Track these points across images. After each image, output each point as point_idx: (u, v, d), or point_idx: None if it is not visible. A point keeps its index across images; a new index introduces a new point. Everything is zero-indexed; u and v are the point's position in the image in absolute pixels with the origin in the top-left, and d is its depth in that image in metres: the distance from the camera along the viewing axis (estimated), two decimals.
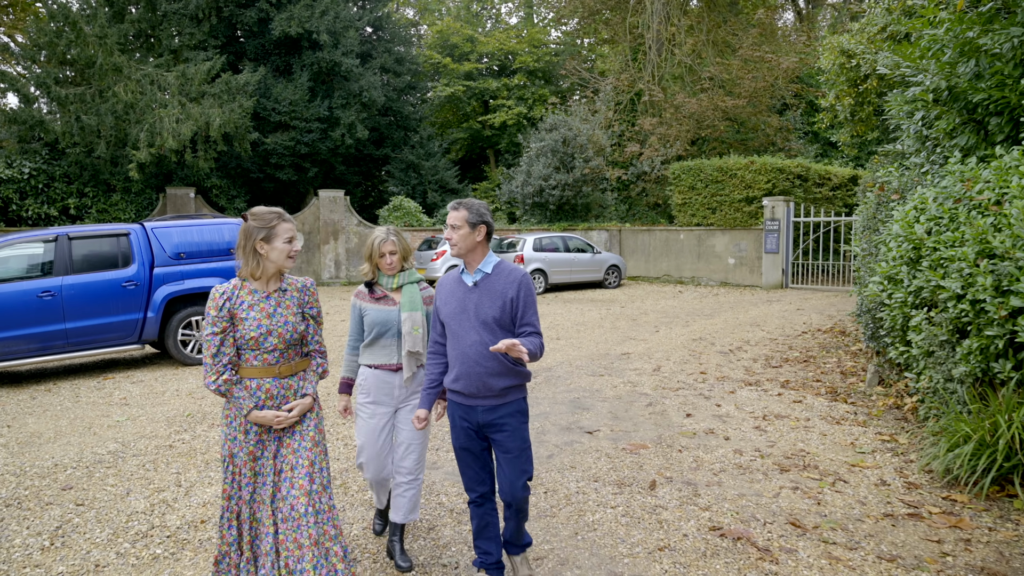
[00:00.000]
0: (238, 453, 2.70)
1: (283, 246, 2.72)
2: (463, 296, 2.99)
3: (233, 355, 2.71)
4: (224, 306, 2.68)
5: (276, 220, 2.71)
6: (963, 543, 3.57)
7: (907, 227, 5.45)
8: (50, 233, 8.08)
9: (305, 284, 2.90)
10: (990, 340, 4.28)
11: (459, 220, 2.95)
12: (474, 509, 3.10)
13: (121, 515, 4.09)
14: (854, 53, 9.19)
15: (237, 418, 2.72)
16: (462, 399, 2.99)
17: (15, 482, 4.69)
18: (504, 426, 2.95)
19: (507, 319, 2.94)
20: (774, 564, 3.37)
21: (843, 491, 4.30)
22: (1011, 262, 4.18)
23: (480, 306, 2.93)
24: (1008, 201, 4.53)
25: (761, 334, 10.30)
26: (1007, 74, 5.42)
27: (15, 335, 7.56)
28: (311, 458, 2.75)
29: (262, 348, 2.71)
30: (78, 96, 17.84)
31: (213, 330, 2.68)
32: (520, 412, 3.01)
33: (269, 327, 2.70)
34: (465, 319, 2.95)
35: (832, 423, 5.76)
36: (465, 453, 3.05)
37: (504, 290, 2.94)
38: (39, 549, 3.66)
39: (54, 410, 6.69)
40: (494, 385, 2.92)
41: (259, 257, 2.71)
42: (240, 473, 2.69)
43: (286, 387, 2.78)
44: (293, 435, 2.78)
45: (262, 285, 2.77)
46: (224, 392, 2.69)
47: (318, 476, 2.74)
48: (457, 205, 2.99)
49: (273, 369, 2.74)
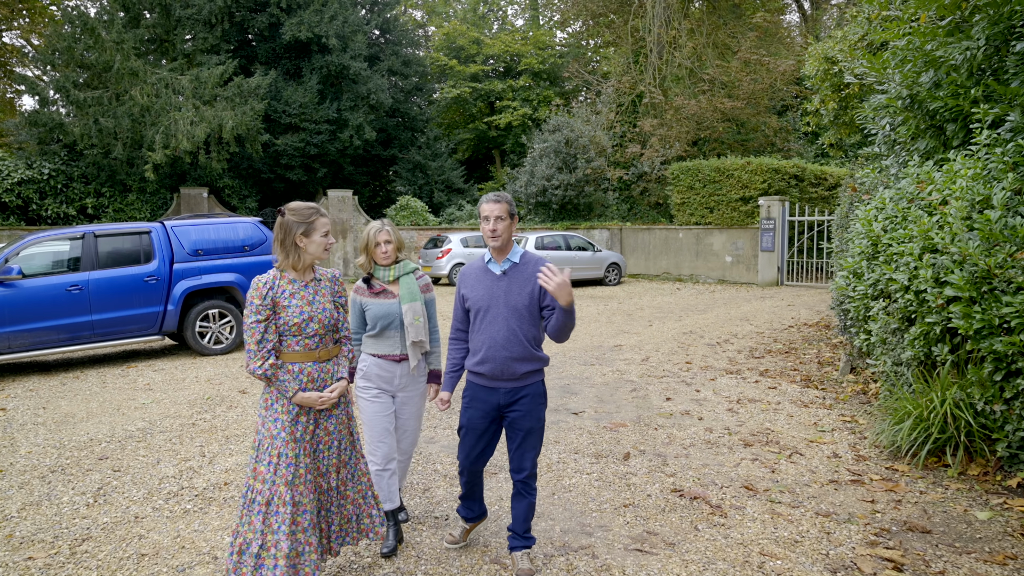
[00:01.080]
0: (279, 434, 2.82)
1: (320, 239, 2.90)
2: (491, 285, 3.13)
3: (276, 341, 2.85)
4: (268, 295, 2.83)
5: (315, 215, 2.89)
6: (894, 503, 4.06)
7: (867, 225, 5.93)
8: (77, 231, 8.65)
9: (334, 275, 3.10)
10: (930, 327, 4.76)
11: (503, 211, 3.07)
12: (465, 477, 3.35)
13: (153, 479, 4.63)
14: (836, 60, 9.64)
15: (279, 400, 2.86)
16: (485, 381, 3.15)
17: (56, 454, 5.23)
18: (523, 406, 3.12)
19: (535, 306, 3.10)
20: (723, 518, 3.87)
21: (797, 462, 4.79)
22: (947, 256, 4.66)
23: (510, 294, 3.09)
24: (950, 201, 5.01)
25: (749, 328, 10.77)
26: (960, 84, 5.88)
27: (47, 326, 8.13)
28: (341, 438, 3.03)
29: (304, 333, 2.87)
30: (96, 99, 18.46)
31: (257, 318, 2.80)
32: (539, 394, 3.17)
33: (310, 313, 2.88)
34: (494, 306, 3.09)
35: (800, 406, 6.24)
36: (472, 432, 3.21)
37: (531, 278, 3.10)
38: (85, 505, 4.21)
39: (84, 394, 7.25)
40: (517, 369, 3.08)
41: (299, 250, 2.88)
42: (280, 455, 2.80)
43: (324, 371, 2.95)
44: (329, 418, 3.00)
45: (300, 275, 2.94)
46: (270, 376, 2.81)
47: (344, 453, 3.04)
48: (497, 198, 3.09)
49: (313, 354, 2.91)
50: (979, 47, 5.64)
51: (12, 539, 3.74)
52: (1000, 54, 5.58)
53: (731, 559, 3.40)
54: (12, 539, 3.74)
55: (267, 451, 2.82)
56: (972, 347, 4.45)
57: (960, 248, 4.51)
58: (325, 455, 2.98)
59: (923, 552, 3.43)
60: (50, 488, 4.51)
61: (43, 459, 5.10)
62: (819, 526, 3.75)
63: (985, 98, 5.56)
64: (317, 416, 2.96)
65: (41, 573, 3.35)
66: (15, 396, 7.23)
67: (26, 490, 4.48)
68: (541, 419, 3.18)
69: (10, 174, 18.10)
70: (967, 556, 3.39)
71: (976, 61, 5.71)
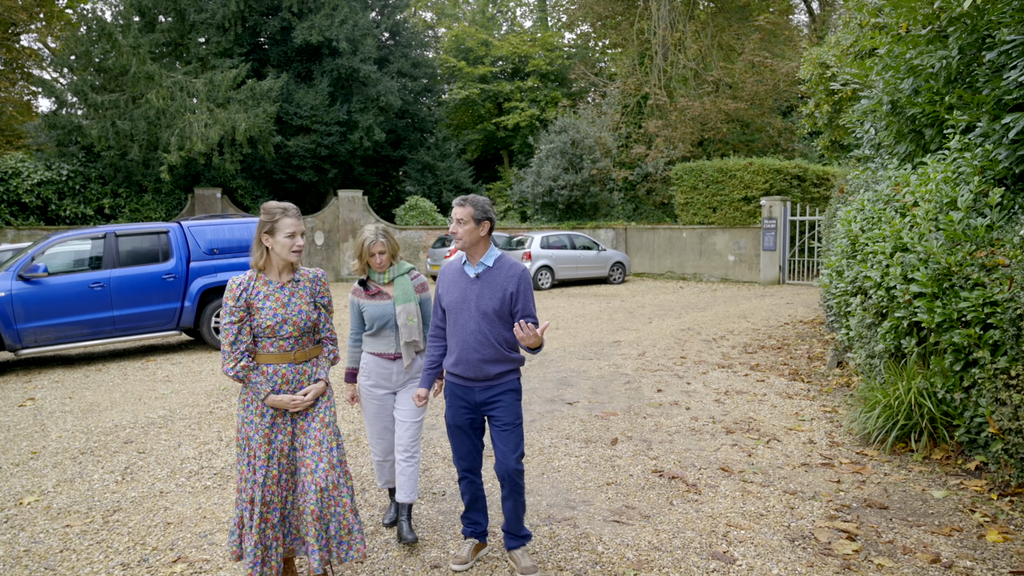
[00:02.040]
0: (253, 436, 2.84)
1: (285, 240, 2.84)
2: (465, 287, 3.18)
3: (250, 343, 2.84)
4: (241, 296, 2.82)
5: (280, 215, 2.84)
6: (858, 483, 4.38)
7: (847, 225, 6.25)
8: (99, 231, 9.07)
9: (316, 275, 3.05)
10: (899, 321, 5.08)
11: (465, 215, 3.12)
12: (464, 485, 3.37)
13: (175, 459, 5.02)
14: (829, 65, 9.94)
15: (254, 402, 2.87)
16: (461, 381, 3.21)
17: (85, 438, 5.63)
18: (499, 403, 3.17)
19: (506, 311, 3.13)
20: (697, 494, 4.21)
21: (774, 448, 5.12)
22: (915, 255, 4.98)
23: (481, 298, 3.12)
24: (920, 203, 5.32)
25: (746, 325, 11.07)
26: (937, 91, 6.17)
27: (71, 321, 8.56)
28: (320, 438, 2.92)
29: (278, 336, 2.84)
30: (112, 102, 18.97)
31: (231, 319, 2.81)
32: (513, 391, 3.22)
33: (284, 316, 2.85)
34: (466, 309, 3.14)
35: (785, 398, 6.56)
36: (458, 430, 3.28)
37: (504, 283, 3.13)
38: (114, 482, 4.60)
39: (107, 385, 7.66)
40: (490, 371, 3.14)
41: (263, 249, 2.89)
42: (255, 456, 2.82)
43: (301, 372, 2.92)
44: (307, 418, 2.94)
45: (275, 276, 2.92)
46: (242, 378, 2.82)
47: (326, 455, 2.90)
48: (463, 201, 3.14)
49: (289, 355, 2.89)
50: (954, 56, 5.93)
51: (50, 510, 4.13)
52: (972, 63, 5.87)
53: (699, 529, 3.74)
54: (50, 510, 4.13)
55: (245, 451, 2.86)
56: (935, 339, 4.76)
57: (925, 247, 4.83)
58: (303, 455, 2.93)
59: (877, 525, 3.76)
60: (81, 467, 4.90)
61: (73, 443, 5.51)
62: (785, 502, 4.08)
63: (961, 105, 5.85)
64: (296, 418, 2.95)
65: (79, 538, 3.73)
66: (42, 387, 7.65)
67: (59, 469, 4.88)
68: (519, 415, 3.23)
69: (30, 175, 18.62)
70: (917, 528, 3.71)
71: (951, 69, 6.00)
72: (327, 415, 3.00)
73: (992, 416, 4.24)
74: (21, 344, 8.34)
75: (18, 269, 8.35)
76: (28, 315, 8.30)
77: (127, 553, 3.56)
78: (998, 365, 4.14)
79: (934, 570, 3.26)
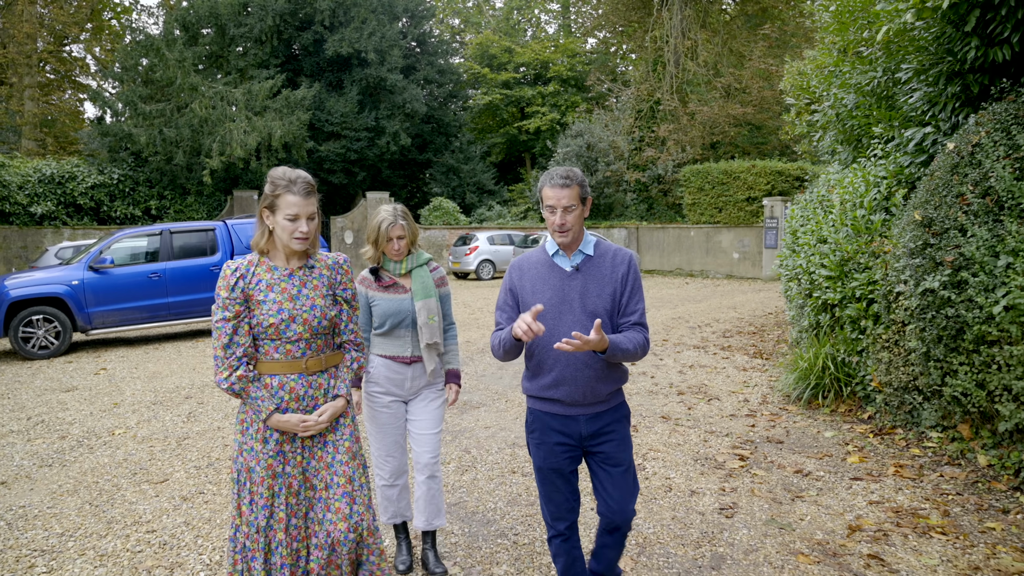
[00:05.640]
0: (255, 467, 2.25)
1: (285, 223, 2.23)
2: (560, 284, 2.47)
3: (249, 346, 2.25)
4: (236, 286, 2.24)
5: (283, 189, 2.23)
6: (769, 428, 5.46)
7: (789, 221, 7.30)
8: (155, 229, 10.46)
9: (337, 261, 2.44)
10: (817, 300, 6.13)
11: (574, 199, 2.39)
12: (560, 545, 2.59)
13: (228, 407, 6.28)
14: (807, 74, 10.93)
15: (254, 423, 2.27)
16: (560, 408, 2.49)
17: (153, 394, 6.93)
18: (612, 434, 2.51)
19: (616, 310, 2.48)
20: (635, 431, 5.32)
21: (712, 405, 6.20)
22: (828, 245, 6.03)
23: (586, 295, 2.44)
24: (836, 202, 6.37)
25: (733, 315, 12.09)
26: (869, 106, 7.19)
27: (132, 306, 9.94)
28: (348, 474, 2.34)
29: (284, 337, 2.26)
30: (159, 112, 20.60)
31: (224, 315, 2.22)
32: (626, 417, 2.58)
33: (292, 312, 2.26)
34: (568, 311, 2.44)
35: (741, 371, 7.62)
36: (555, 476, 2.54)
37: (612, 274, 2.47)
38: (181, 421, 5.87)
39: (165, 359, 9.00)
40: (601, 391, 2.46)
41: (265, 228, 2.30)
42: (256, 493, 2.25)
43: (315, 386, 2.33)
44: (325, 446, 2.35)
45: (281, 261, 2.33)
46: (239, 391, 2.23)
47: (359, 495, 2.33)
48: (567, 180, 2.38)
49: (299, 363, 2.29)
50: (880, 77, 6.96)
51: (136, 437, 5.41)
52: (892, 84, 6.89)
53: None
54: (136, 437, 5.41)
55: (245, 486, 2.28)
56: (839, 314, 5.82)
57: (835, 239, 5.89)
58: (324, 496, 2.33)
59: (768, 452, 4.84)
60: (154, 413, 6.19)
61: (144, 397, 6.81)
62: (702, 438, 5.19)
63: (881, 119, 6.87)
64: (309, 444, 2.33)
65: (161, 453, 5.00)
66: (111, 361, 9.02)
67: (138, 413, 6.17)
68: (630, 448, 2.58)
69: (84, 179, 20.30)
70: (798, 455, 4.79)
71: (878, 88, 7.03)
72: (351, 443, 2.41)
73: (875, 373, 5.29)
74: (91, 326, 9.72)
75: (89, 261, 9.74)
76: (97, 300, 9.68)
77: (197, 461, 4.81)
78: (878, 332, 5.20)
79: (795, 477, 4.35)
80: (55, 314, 9.35)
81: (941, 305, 4.30)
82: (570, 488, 2.55)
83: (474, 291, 17.43)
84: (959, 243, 4.26)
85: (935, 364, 4.48)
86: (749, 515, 3.79)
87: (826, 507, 3.88)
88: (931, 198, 4.68)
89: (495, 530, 3.67)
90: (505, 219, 26.21)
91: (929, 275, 4.38)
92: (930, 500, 3.92)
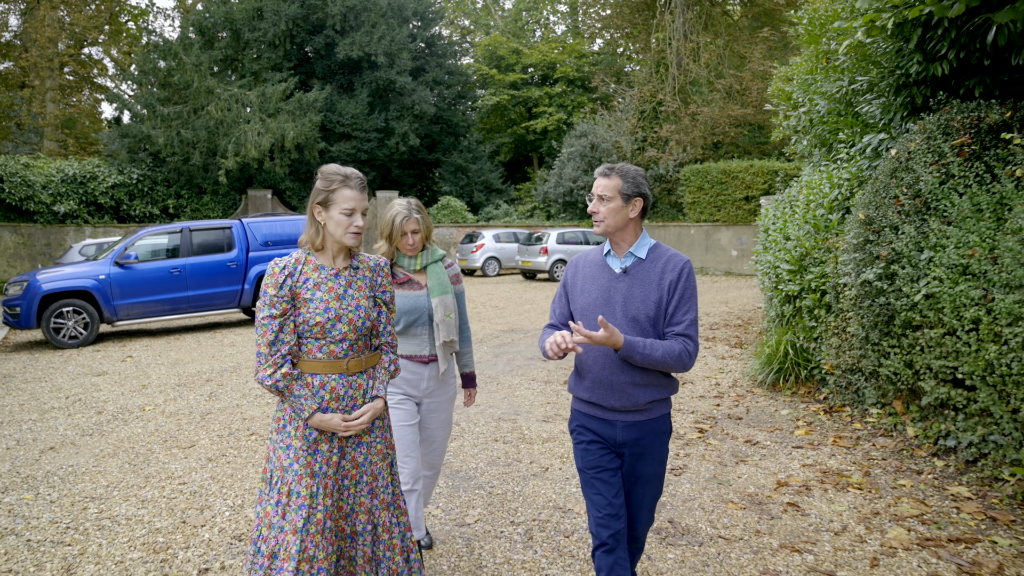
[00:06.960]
0: (291, 466, 2.25)
1: (340, 217, 2.26)
2: (607, 285, 2.44)
3: (294, 344, 2.28)
4: (285, 283, 2.26)
5: (339, 184, 2.28)
6: (733, 406, 6.03)
7: (763, 220, 7.86)
8: (176, 227, 11.15)
9: (378, 263, 2.47)
10: (781, 292, 6.70)
11: (611, 190, 2.37)
12: (602, 557, 2.41)
13: (246, 388, 6.93)
14: (789, 80, 11.46)
15: (293, 422, 2.29)
16: (599, 412, 2.44)
17: (177, 378, 7.60)
18: (646, 448, 2.43)
19: (661, 318, 2.38)
20: None
21: (686, 388, 6.78)
22: (791, 242, 6.60)
23: (630, 299, 2.39)
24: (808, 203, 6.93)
25: (723, 308, 12.64)
26: (838, 112, 7.73)
27: (156, 299, 10.63)
28: (375, 472, 2.40)
29: (328, 337, 2.28)
30: (177, 114, 21.37)
31: (271, 312, 2.24)
32: (665, 431, 2.48)
33: (338, 311, 2.28)
34: (608, 314, 2.39)
35: (719, 359, 8.18)
36: (594, 476, 2.45)
37: (660, 281, 2.38)
38: (204, 400, 6.52)
39: (186, 348, 9.68)
40: (639, 398, 2.38)
41: (318, 226, 2.32)
42: (292, 493, 2.24)
43: (355, 387, 2.35)
44: (359, 446, 2.38)
45: (329, 260, 2.35)
46: (283, 389, 2.23)
47: (381, 492, 2.41)
48: (608, 171, 2.41)
49: (340, 364, 2.31)
50: (846, 85, 7.50)
51: (164, 413, 6.07)
52: (855, 92, 7.43)
53: None
54: (164, 413, 6.07)
55: (276, 487, 2.26)
56: (799, 304, 6.38)
57: (796, 236, 6.45)
58: (352, 493, 2.37)
59: (725, 427, 5.42)
60: (179, 393, 6.85)
61: (169, 380, 7.48)
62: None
63: (846, 124, 7.40)
64: (343, 444, 2.35)
65: (188, 425, 5.65)
66: (136, 349, 9.71)
67: (164, 393, 6.83)
68: (665, 463, 2.50)
69: (105, 179, 21.10)
70: (752, 428, 5.36)
71: (845, 95, 7.57)
72: (383, 446, 2.45)
73: (827, 357, 5.86)
74: (116, 317, 10.42)
75: (115, 257, 10.44)
76: (123, 293, 10.38)
77: (220, 431, 5.46)
78: (829, 320, 5.77)
79: (744, 446, 4.93)
80: (84, 306, 10.05)
81: (876, 294, 4.87)
82: (612, 491, 2.41)
83: (479, 287, 18.05)
84: (892, 240, 4.83)
85: (872, 347, 5.05)
86: (695, 474, 4.39)
87: (764, 469, 4.46)
88: (873, 199, 5.24)
89: (474, 484, 4.29)
90: (512, 217, 26.83)
91: (867, 268, 4.94)
92: (857, 464, 4.49)
